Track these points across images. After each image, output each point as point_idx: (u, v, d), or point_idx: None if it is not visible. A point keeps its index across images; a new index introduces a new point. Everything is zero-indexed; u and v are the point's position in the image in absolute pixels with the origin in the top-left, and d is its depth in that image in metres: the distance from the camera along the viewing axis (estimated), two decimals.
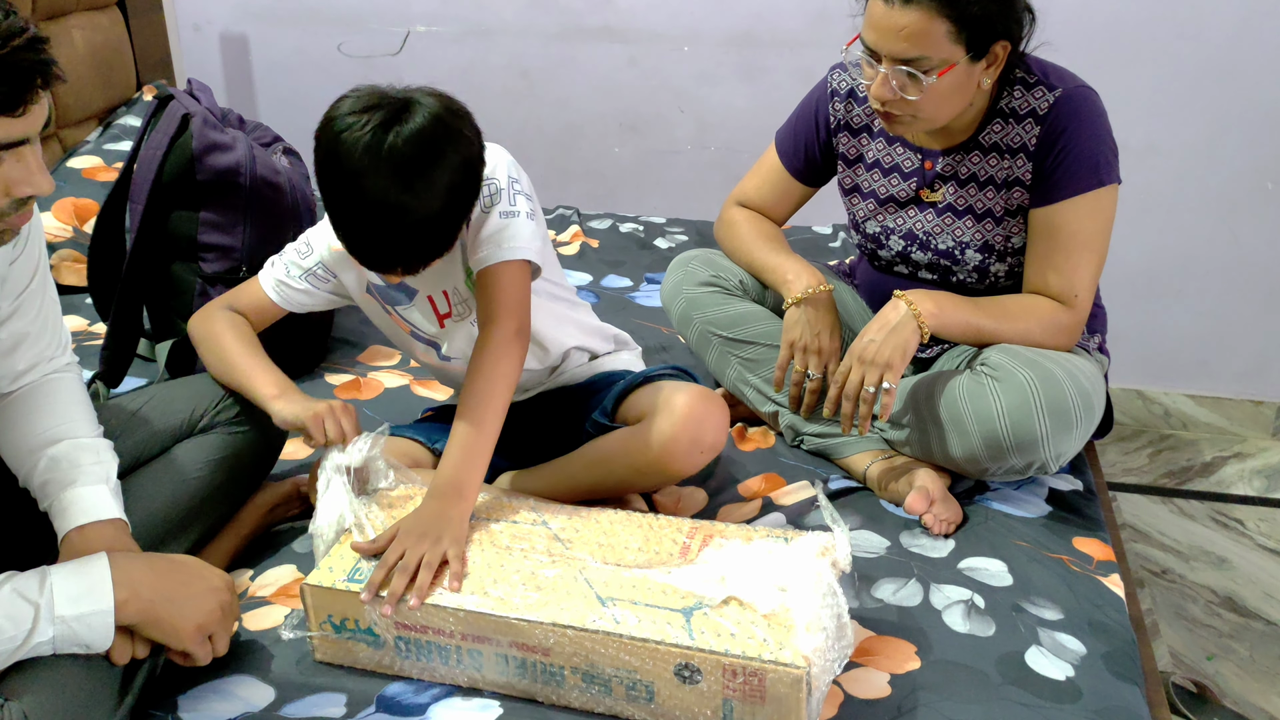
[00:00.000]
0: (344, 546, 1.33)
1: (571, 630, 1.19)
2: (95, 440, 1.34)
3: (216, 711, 1.25)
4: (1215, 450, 2.84)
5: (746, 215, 1.89)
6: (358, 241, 1.34)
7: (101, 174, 2.42)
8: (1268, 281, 2.74)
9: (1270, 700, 2.00)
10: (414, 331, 1.59)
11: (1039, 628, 1.41)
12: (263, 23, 3.07)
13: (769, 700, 1.16)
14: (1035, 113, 1.61)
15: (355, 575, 1.27)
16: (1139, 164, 2.68)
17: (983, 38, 1.52)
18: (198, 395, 1.51)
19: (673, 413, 1.44)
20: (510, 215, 1.43)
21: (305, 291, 1.59)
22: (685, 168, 2.97)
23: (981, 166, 1.67)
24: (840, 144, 1.79)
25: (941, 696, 1.28)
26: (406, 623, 1.25)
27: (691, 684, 1.18)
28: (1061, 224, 1.61)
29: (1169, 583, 2.33)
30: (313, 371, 2.05)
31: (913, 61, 1.51)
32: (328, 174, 1.32)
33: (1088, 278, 1.63)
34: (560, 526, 1.36)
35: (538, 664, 1.22)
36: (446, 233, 1.36)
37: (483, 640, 1.23)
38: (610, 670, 1.19)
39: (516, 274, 1.43)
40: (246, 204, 1.91)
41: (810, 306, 1.71)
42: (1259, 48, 2.54)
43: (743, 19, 2.80)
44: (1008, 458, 1.57)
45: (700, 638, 1.17)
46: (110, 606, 1.14)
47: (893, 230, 1.77)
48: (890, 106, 1.57)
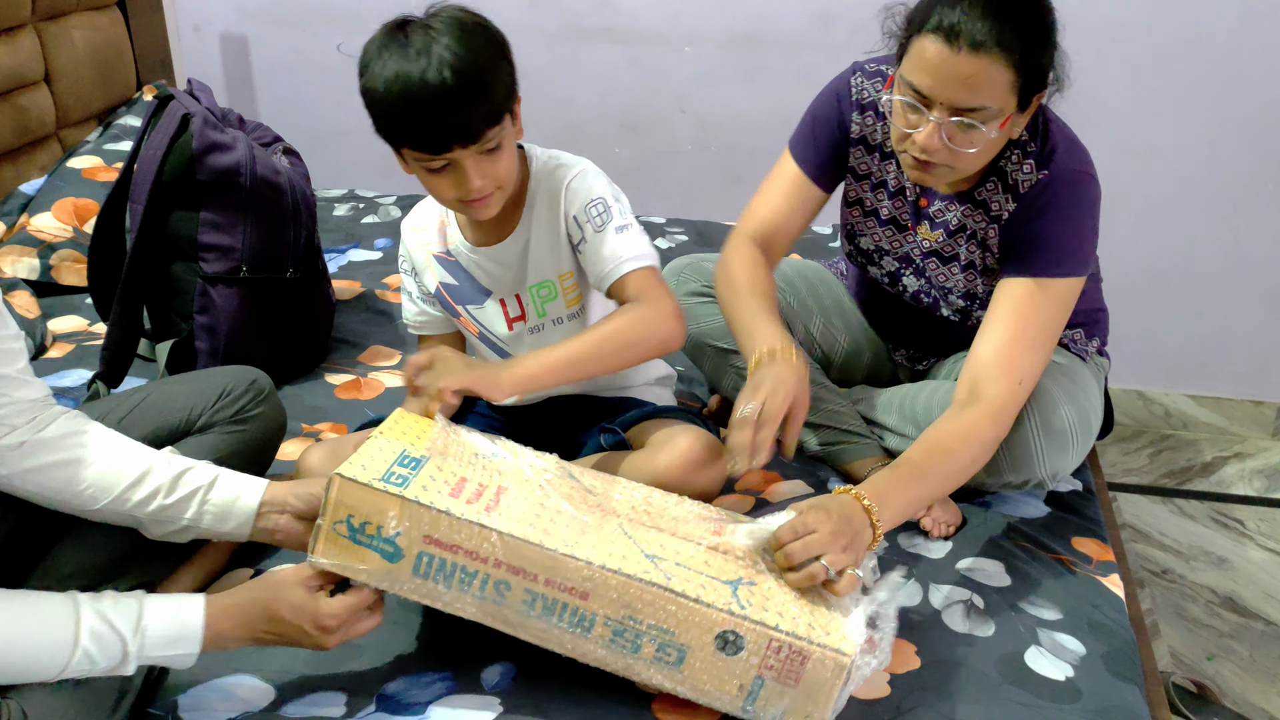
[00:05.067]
0: (379, 442, 1.25)
1: (621, 576, 1.15)
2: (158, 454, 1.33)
3: (216, 711, 1.25)
4: (1215, 450, 2.84)
5: (746, 263, 1.64)
6: (422, 109, 1.32)
7: (101, 174, 2.42)
8: (1268, 282, 2.75)
9: (1270, 700, 2.00)
10: (483, 334, 1.59)
11: (1038, 628, 1.41)
12: (263, 23, 3.07)
13: (803, 683, 1.15)
14: (1017, 188, 1.53)
15: (391, 477, 1.19)
16: (1140, 165, 2.68)
17: (1034, 87, 1.42)
18: (196, 394, 1.51)
19: (674, 450, 1.46)
20: (626, 228, 1.48)
21: (424, 312, 1.63)
22: (686, 168, 2.97)
23: (969, 219, 1.59)
24: (854, 157, 1.68)
25: (941, 696, 1.28)
26: (437, 536, 1.17)
27: (730, 654, 1.16)
28: (1024, 299, 1.50)
29: (1169, 583, 2.33)
30: (313, 371, 2.05)
31: (972, 111, 1.38)
32: (382, 64, 1.33)
33: (1036, 367, 1.51)
34: (590, 483, 1.33)
35: (568, 606, 1.17)
36: (502, 89, 1.36)
37: (517, 572, 1.17)
38: (648, 625, 1.16)
39: (652, 275, 1.47)
40: (247, 204, 1.91)
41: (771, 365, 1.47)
42: (1259, 49, 2.54)
43: (744, 20, 2.80)
44: (1003, 475, 1.58)
45: (750, 609, 1.16)
46: (196, 652, 1.18)
47: (888, 252, 1.72)
48: (933, 156, 1.44)
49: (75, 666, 1.11)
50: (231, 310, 1.92)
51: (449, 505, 1.17)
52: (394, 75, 1.31)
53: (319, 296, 2.10)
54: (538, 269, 1.53)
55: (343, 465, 1.19)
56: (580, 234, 1.48)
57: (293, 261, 1.99)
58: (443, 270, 1.57)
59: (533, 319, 1.56)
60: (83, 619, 1.12)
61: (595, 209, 1.47)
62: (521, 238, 1.52)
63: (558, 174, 1.50)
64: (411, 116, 1.33)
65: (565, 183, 1.48)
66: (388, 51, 1.33)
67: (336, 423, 1.85)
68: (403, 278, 1.64)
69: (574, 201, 1.48)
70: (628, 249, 1.46)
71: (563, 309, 1.55)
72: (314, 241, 2.07)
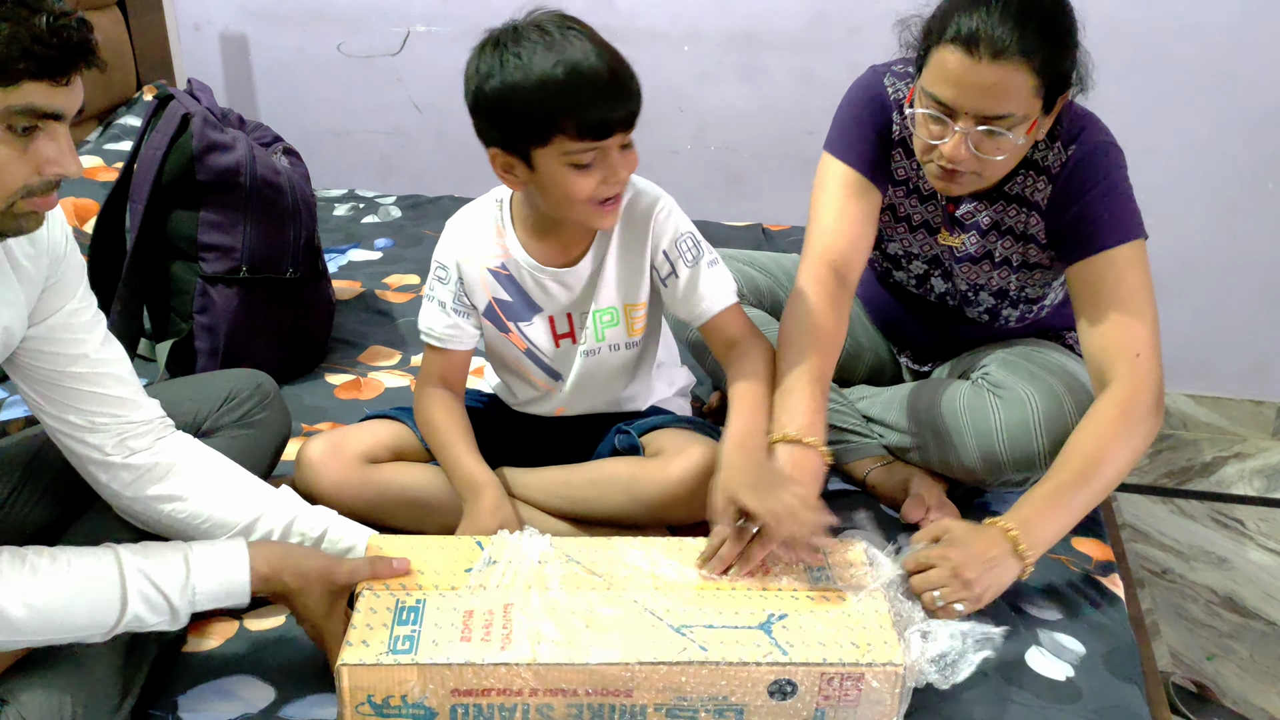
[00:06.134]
0: (370, 616, 1.19)
1: (661, 666, 1.13)
2: (271, 496, 1.37)
3: (216, 711, 1.25)
4: (1215, 450, 2.84)
5: (811, 319, 1.52)
6: (593, 92, 1.30)
7: (101, 174, 2.42)
8: (1268, 281, 2.75)
9: (1270, 700, 2.00)
10: (530, 350, 1.56)
11: (1039, 628, 1.41)
12: (263, 23, 3.06)
13: (863, 702, 1.15)
14: (1049, 170, 1.51)
15: (397, 644, 1.15)
16: (1139, 164, 2.64)
17: (1057, 89, 1.41)
18: (201, 398, 1.51)
19: (688, 460, 1.45)
20: (715, 263, 1.51)
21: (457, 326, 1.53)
22: (685, 167, 2.97)
23: (1003, 216, 1.58)
24: (894, 160, 1.61)
25: (941, 697, 1.28)
26: (465, 687, 1.14)
27: (786, 699, 1.15)
28: (1099, 279, 1.49)
29: (1169, 583, 2.33)
30: (313, 371, 2.05)
31: (997, 120, 1.37)
32: (525, 60, 1.30)
33: (1145, 332, 1.46)
34: (591, 561, 1.29)
35: (615, 707, 1.15)
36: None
37: (555, 694, 1.14)
38: (698, 699, 1.15)
39: (740, 310, 1.54)
40: (247, 204, 1.91)
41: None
42: (1258, 48, 2.54)
43: (742, 19, 2.80)
44: (1004, 472, 1.58)
45: (792, 650, 1.15)
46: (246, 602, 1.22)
47: (916, 255, 1.69)
48: (960, 165, 1.42)
49: (126, 625, 1.14)
50: (231, 310, 1.92)
51: (466, 655, 1.14)
52: (550, 65, 1.28)
53: (319, 296, 2.10)
54: (606, 294, 1.51)
55: (344, 651, 1.14)
56: (670, 268, 1.49)
57: (293, 261, 1.98)
58: (497, 285, 1.51)
59: (589, 342, 1.53)
60: (129, 582, 1.14)
61: (685, 243, 1.49)
62: (595, 262, 1.49)
63: (640, 203, 1.48)
64: (582, 99, 1.29)
65: (653, 215, 1.48)
66: (524, 48, 1.30)
67: (336, 423, 1.85)
68: (435, 286, 1.53)
69: (663, 235, 1.48)
70: (722, 285, 1.50)
71: (623, 336, 1.54)
72: (314, 241, 2.07)
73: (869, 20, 2.61)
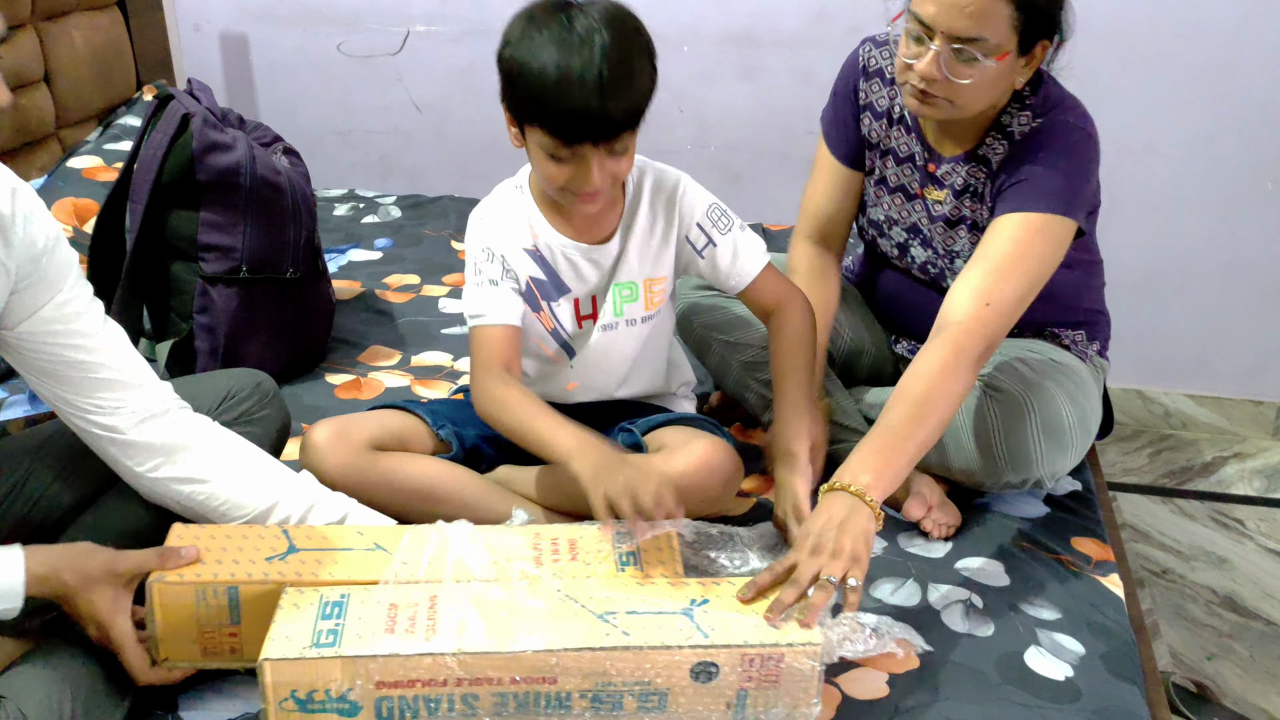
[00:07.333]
0: (294, 611, 1.19)
1: (585, 652, 1.15)
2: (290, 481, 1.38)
3: (216, 711, 1.25)
4: (1215, 450, 2.83)
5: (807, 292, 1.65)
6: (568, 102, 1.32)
7: (101, 174, 2.42)
8: (1267, 281, 2.74)
9: (1270, 700, 2.00)
10: (556, 329, 1.58)
11: (1038, 628, 1.41)
12: (263, 23, 3.06)
13: (784, 681, 1.17)
14: (1013, 136, 1.56)
15: (320, 638, 1.15)
16: (1138, 164, 2.68)
17: (1034, 32, 1.46)
18: (200, 397, 1.50)
19: (691, 454, 1.47)
20: (745, 227, 1.60)
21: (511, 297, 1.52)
22: (684, 167, 2.91)
23: (973, 178, 1.63)
24: (864, 124, 1.72)
25: (940, 696, 1.28)
26: (390, 679, 1.14)
27: (709, 681, 1.17)
28: (999, 233, 1.50)
29: (1169, 583, 2.33)
30: (313, 371, 2.05)
31: (970, 42, 1.43)
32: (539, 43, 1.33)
33: (1010, 291, 1.46)
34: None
35: (540, 694, 1.17)
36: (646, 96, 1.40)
37: (479, 682, 1.16)
38: (623, 684, 1.17)
39: (775, 269, 1.62)
40: (247, 204, 1.91)
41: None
42: (1258, 47, 2.54)
43: (742, 18, 2.80)
44: (1003, 475, 1.58)
45: (714, 634, 1.17)
46: (19, 607, 1.14)
47: (896, 221, 1.74)
48: (932, 87, 1.49)
49: None
50: (231, 310, 1.92)
51: (391, 646, 1.14)
52: (549, 59, 1.31)
53: (319, 296, 2.10)
54: (627, 271, 1.55)
55: (265, 645, 1.14)
56: (707, 239, 1.57)
57: (293, 261, 1.99)
58: (533, 264, 1.54)
59: (607, 317, 1.56)
60: None
61: (716, 213, 1.57)
62: (623, 239, 1.54)
63: (664, 181, 1.56)
64: (556, 106, 1.32)
65: (680, 192, 1.56)
66: (548, 30, 1.32)
67: None
68: (481, 268, 1.52)
69: (694, 210, 1.56)
70: (757, 247, 1.59)
71: (640, 311, 1.58)
72: (314, 241, 2.07)
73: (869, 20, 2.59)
